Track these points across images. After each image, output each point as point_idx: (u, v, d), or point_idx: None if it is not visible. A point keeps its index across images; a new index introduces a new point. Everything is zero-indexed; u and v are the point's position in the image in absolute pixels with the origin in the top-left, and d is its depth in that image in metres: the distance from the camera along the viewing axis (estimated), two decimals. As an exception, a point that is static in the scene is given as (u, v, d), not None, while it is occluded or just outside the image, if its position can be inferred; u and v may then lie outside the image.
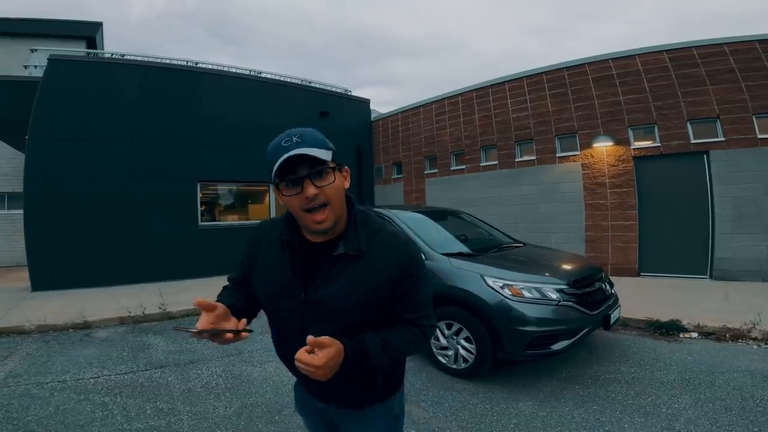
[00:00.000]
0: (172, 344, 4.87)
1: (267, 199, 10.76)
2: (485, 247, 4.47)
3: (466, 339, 3.58)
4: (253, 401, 3.32)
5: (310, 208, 0.97)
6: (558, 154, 8.61)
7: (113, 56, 9.59)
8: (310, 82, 12.02)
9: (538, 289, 3.42)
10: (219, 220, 10.08)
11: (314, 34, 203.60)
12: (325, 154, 0.96)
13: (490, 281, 3.48)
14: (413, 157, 11.47)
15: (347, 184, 1.06)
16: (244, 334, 0.99)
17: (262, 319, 1.24)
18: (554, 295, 3.41)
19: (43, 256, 7.88)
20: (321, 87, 12.10)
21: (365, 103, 12.93)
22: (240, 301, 1.18)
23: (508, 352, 3.36)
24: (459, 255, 3.94)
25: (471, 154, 10.10)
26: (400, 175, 11.91)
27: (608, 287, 4.05)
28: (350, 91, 12.90)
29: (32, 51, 9.00)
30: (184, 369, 4.06)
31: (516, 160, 9.27)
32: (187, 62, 10.39)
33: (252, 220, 10.47)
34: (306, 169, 0.95)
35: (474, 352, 3.51)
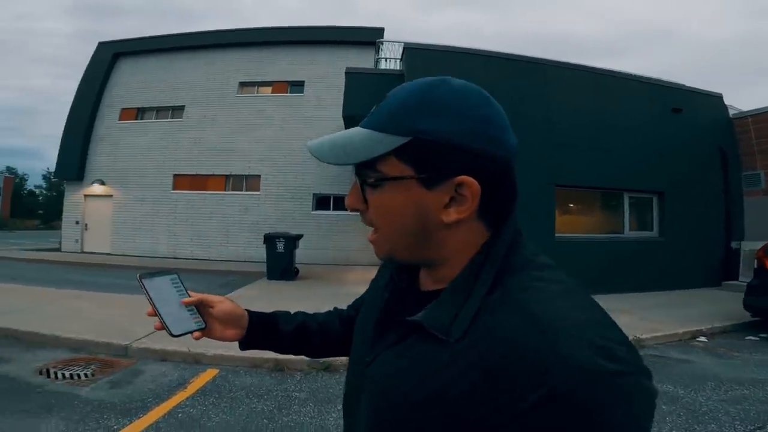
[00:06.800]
0: None
1: (623, 209, 8.53)
2: None
3: None
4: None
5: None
6: None
7: (447, 47, 8.68)
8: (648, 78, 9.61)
9: None
10: (572, 232, 8.20)
11: (483, 43, 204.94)
12: (365, 144, 0.49)
13: None
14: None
15: (449, 216, 0.48)
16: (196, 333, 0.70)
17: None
18: None
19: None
20: (665, 82, 9.56)
21: (718, 97, 9.80)
22: (317, 324, 0.80)
23: None
24: None
25: None
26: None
27: None
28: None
29: (379, 44, 8.63)
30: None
31: None
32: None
33: (605, 233, 8.42)
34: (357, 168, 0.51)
35: None
